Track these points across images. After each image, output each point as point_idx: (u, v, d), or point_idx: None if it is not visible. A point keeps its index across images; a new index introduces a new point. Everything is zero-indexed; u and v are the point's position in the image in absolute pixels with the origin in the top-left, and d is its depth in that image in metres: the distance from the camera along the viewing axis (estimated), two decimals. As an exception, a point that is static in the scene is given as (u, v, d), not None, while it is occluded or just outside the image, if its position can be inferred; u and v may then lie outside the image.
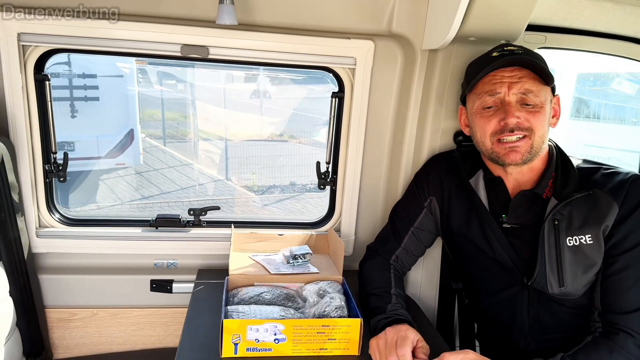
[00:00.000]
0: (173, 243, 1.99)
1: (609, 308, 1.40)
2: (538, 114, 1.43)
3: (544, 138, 1.46)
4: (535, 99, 1.43)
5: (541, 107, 1.44)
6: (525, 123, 1.43)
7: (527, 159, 1.45)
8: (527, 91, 1.43)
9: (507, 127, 1.44)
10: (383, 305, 1.56)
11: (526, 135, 1.43)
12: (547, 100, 1.46)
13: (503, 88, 1.45)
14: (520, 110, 1.43)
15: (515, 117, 1.42)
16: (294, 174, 8.11)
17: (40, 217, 1.91)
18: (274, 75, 8.34)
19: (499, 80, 1.46)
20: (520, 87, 1.43)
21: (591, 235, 1.40)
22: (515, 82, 1.43)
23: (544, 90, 1.45)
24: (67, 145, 6.57)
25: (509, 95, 1.44)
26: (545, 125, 1.45)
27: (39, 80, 1.78)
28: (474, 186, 1.61)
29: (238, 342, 1.40)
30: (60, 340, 1.98)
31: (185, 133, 8.86)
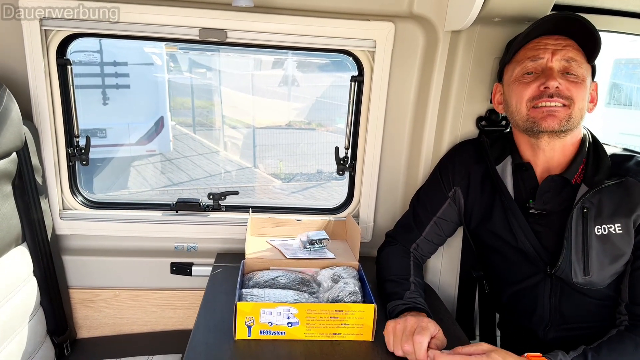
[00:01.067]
0: (193, 227, 2.01)
1: (637, 300, 1.34)
2: (580, 85, 1.38)
3: (583, 112, 1.40)
4: (578, 69, 1.38)
5: (582, 80, 1.39)
6: (566, 91, 1.37)
7: (564, 127, 1.38)
8: (570, 59, 1.38)
9: (546, 92, 1.38)
10: (401, 292, 1.53)
11: (566, 104, 1.37)
12: (587, 77, 1.40)
13: (547, 54, 1.39)
14: (562, 78, 1.38)
15: (556, 81, 1.36)
16: (321, 162, 8.10)
17: (63, 200, 1.96)
18: (302, 60, 8.32)
19: (542, 46, 1.41)
20: (565, 54, 1.38)
21: (621, 225, 1.35)
22: (559, 49, 1.38)
23: (585, 65, 1.40)
24: (99, 132, 6.74)
25: (551, 62, 1.39)
26: (585, 99, 1.40)
27: (61, 64, 1.80)
28: (500, 173, 1.56)
29: (251, 324, 1.40)
30: (83, 320, 2.03)
31: (214, 121, 8.95)
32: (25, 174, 1.68)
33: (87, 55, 6.29)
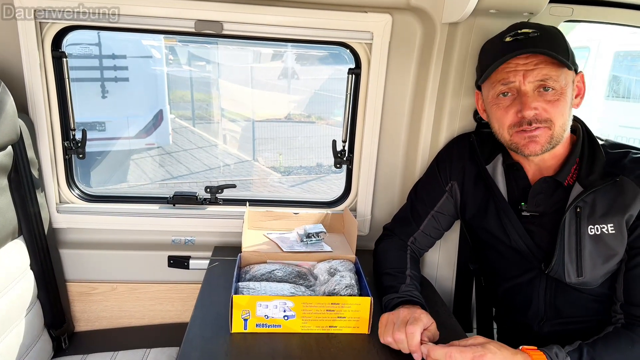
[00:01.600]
0: (190, 220, 2.01)
1: (632, 300, 1.34)
2: (558, 102, 1.34)
3: (565, 127, 1.37)
4: (555, 83, 1.33)
5: (561, 94, 1.34)
6: (543, 114, 1.35)
7: (547, 149, 1.38)
8: (545, 77, 1.33)
9: (524, 120, 1.36)
10: (397, 285, 1.53)
11: (546, 126, 1.35)
12: (568, 83, 1.36)
13: (518, 77, 1.35)
14: (538, 100, 1.34)
15: (532, 109, 1.34)
16: (320, 155, 8.09)
17: (60, 193, 1.95)
18: (302, 53, 8.29)
19: (512, 68, 1.36)
20: (537, 74, 1.33)
21: (614, 225, 1.34)
22: (530, 69, 1.33)
23: (564, 74, 1.34)
24: (98, 125, 6.71)
25: (524, 85, 1.35)
26: (566, 113, 1.36)
27: (56, 57, 1.79)
28: (491, 172, 1.55)
29: (248, 317, 1.41)
30: (81, 313, 2.03)
31: (214, 114, 8.93)
32: (21, 168, 1.68)
33: (84, 48, 6.25)
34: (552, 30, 1.39)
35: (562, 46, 1.35)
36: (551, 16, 1.73)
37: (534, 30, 1.36)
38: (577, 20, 1.79)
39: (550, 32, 1.38)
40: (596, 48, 6.02)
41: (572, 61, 1.36)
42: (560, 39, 1.37)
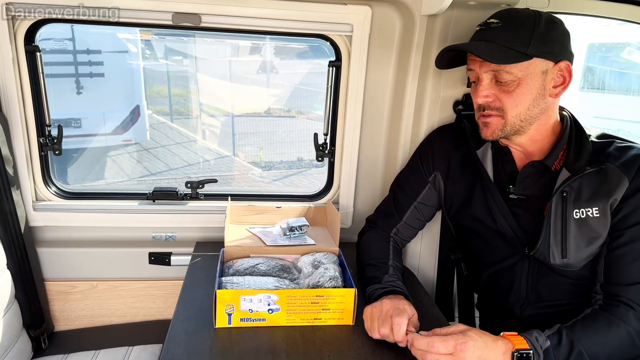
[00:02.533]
0: (171, 216, 1.99)
1: (611, 280, 1.37)
2: (511, 94, 1.38)
3: (522, 117, 1.40)
4: (507, 76, 1.36)
5: (518, 85, 1.36)
6: (496, 102, 1.41)
7: (500, 135, 1.44)
8: (495, 68, 1.37)
9: (480, 107, 1.45)
10: (380, 275, 1.55)
11: (499, 114, 1.41)
12: (530, 74, 1.36)
13: (475, 65, 1.42)
14: (493, 88, 1.40)
15: (482, 97, 1.41)
16: (301, 150, 8.08)
17: (36, 191, 1.91)
18: (281, 47, 8.24)
19: (472, 57, 1.43)
20: (489, 65, 1.38)
21: (598, 209, 1.37)
22: (482, 60, 1.38)
23: (522, 65, 1.35)
24: (73, 121, 6.57)
25: (481, 74, 1.41)
26: (522, 103, 1.38)
27: (29, 51, 1.75)
28: (480, 157, 1.57)
29: (232, 312, 1.40)
30: (60, 312, 2.00)
31: (192, 109, 8.83)
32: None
33: (58, 42, 6.11)
34: (520, 19, 1.38)
35: (523, 37, 1.35)
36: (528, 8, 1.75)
37: (498, 22, 1.39)
38: (554, 12, 1.81)
39: (516, 22, 1.38)
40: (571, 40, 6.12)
41: (539, 50, 1.35)
42: (526, 30, 1.35)
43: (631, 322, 1.30)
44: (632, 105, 5.41)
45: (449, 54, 1.48)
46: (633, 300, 1.32)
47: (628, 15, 1.86)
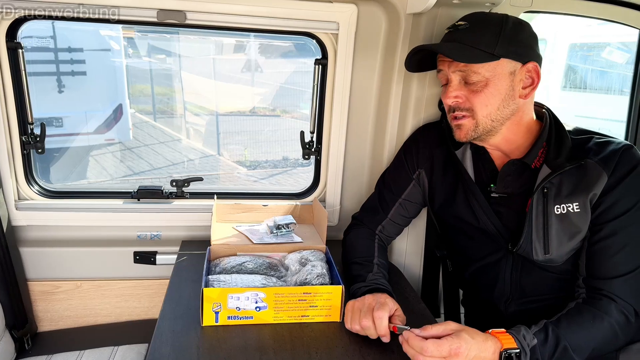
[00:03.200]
0: (156, 215, 1.97)
1: (593, 274, 1.39)
2: (479, 94, 1.39)
3: (492, 117, 1.42)
4: (474, 76, 1.38)
5: (485, 85, 1.38)
6: (465, 103, 1.42)
7: (474, 136, 1.45)
8: (463, 68, 1.39)
9: (450, 108, 1.46)
10: (364, 274, 1.55)
11: (469, 115, 1.42)
12: (498, 74, 1.38)
13: (444, 66, 1.44)
14: (462, 89, 1.42)
15: (451, 97, 1.42)
16: (287, 149, 8.06)
17: (19, 190, 1.88)
18: (266, 45, 8.21)
19: (441, 58, 1.45)
20: (456, 65, 1.40)
21: (579, 204, 1.39)
22: (451, 61, 1.41)
23: (489, 65, 1.37)
24: (55, 121, 6.47)
25: (450, 75, 1.43)
26: (492, 103, 1.40)
27: (11, 48, 1.72)
28: (460, 157, 1.59)
29: (219, 310, 1.39)
30: (44, 313, 1.97)
31: (176, 108, 8.76)
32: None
33: (39, 40, 6.01)
34: (486, 21, 1.41)
35: (490, 38, 1.37)
36: (512, 7, 1.77)
37: (465, 23, 1.42)
38: (537, 11, 1.84)
39: (482, 24, 1.40)
40: (552, 40, 6.21)
41: (507, 51, 1.37)
42: (492, 31, 1.38)
43: (613, 315, 1.32)
44: (613, 104, 5.50)
45: (417, 56, 1.49)
46: (615, 293, 1.34)
47: (609, 14, 1.90)
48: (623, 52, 5.40)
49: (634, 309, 1.34)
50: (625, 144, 1.40)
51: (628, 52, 5.23)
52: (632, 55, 2.36)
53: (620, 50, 5.44)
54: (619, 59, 5.51)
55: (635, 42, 2.26)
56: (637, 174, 1.36)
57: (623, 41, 5.28)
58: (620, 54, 5.47)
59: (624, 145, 1.39)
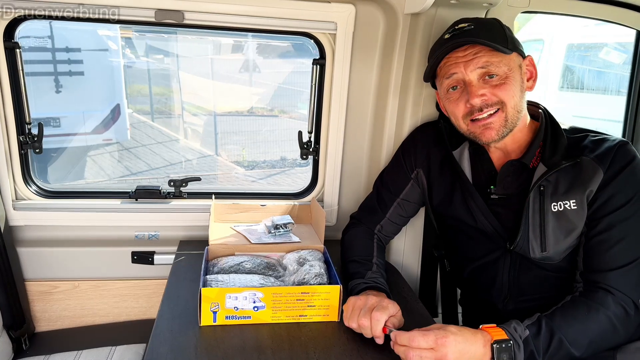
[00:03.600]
0: (154, 215, 1.97)
1: (590, 267, 1.40)
2: (504, 85, 1.40)
3: (518, 108, 1.42)
4: (497, 69, 1.39)
5: (506, 77, 1.40)
6: (493, 98, 1.41)
7: (504, 133, 1.43)
8: (485, 64, 1.39)
9: (474, 108, 1.42)
10: (363, 271, 1.56)
11: (498, 109, 1.41)
12: (513, 67, 1.41)
13: (459, 68, 1.42)
14: (484, 87, 1.41)
15: (479, 96, 1.40)
16: (285, 149, 8.06)
17: (16, 190, 1.88)
18: (263, 45, 8.21)
19: (453, 61, 1.43)
20: (477, 62, 1.40)
21: (575, 201, 1.40)
22: (469, 59, 1.40)
23: (506, 59, 1.40)
24: (52, 121, 6.46)
25: (467, 75, 1.41)
26: (516, 95, 1.41)
27: (8, 48, 1.72)
28: (457, 158, 1.59)
29: (217, 310, 1.39)
30: (42, 313, 1.97)
31: (174, 108, 8.75)
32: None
33: (36, 40, 6.00)
34: (488, 21, 1.47)
35: (499, 34, 1.42)
36: (509, 7, 1.78)
37: (469, 24, 1.42)
38: (534, 11, 1.84)
39: (486, 24, 1.45)
40: (550, 41, 6.22)
41: (514, 46, 1.42)
42: (497, 29, 1.43)
43: (610, 307, 1.32)
44: (609, 105, 5.51)
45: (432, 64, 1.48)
46: (611, 285, 1.34)
47: (606, 15, 1.91)
48: (620, 53, 5.42)
49: (633, 301, 1.34)
50: (620, 140, 1.41)
51: (625, 53, 5.25)
52: (629, 56, 2.37)
53: (617, 50, 5.45)
54: (616, 60, 5.53)
55: (632, 42, 2.26)
56: (632, 169, 1.37)
57: (620, 41, 5.29)
58: (618, 54, 5.49)
59: (619, 141, 1.40)
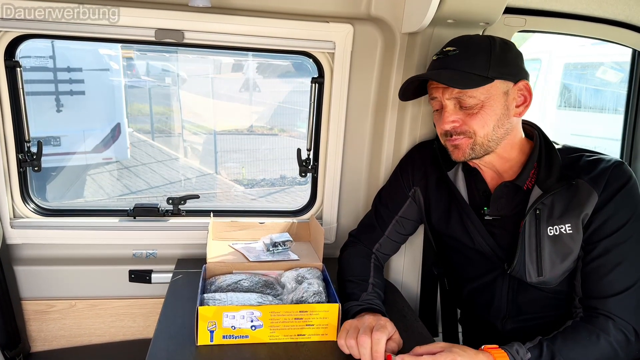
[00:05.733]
0: (152, 233, 1.97)
1: (589, 293, 1.39)
2: (476, 115, 1.40)
3: (489, 137, 1.42)
4: (470, 100, 1.39)
5: (482, 107, 1.39)
6: (463, 127, 1.42)
7: (471, 156, 1.45)
8: (458, 95, 1.40)
9: (447, 132, 1.46)
10: (358, 293, 1.54)
11: (468, 137, 1.43)
12: (492, 96, 1.40)
13: (438, 93, 1.45)
14: (458, 113, 1.42)
15: (449, 122, 1.43)
16: (284, 167, 8.08)
17: (14, 208, 1.88)
18: (264, 65, 8.28)
19: (434, 86, 1.46)
20: (451, 92, 1.41)
21: (571, 225, 1.39)
22: (446, 88, 1.42)
23: (483, 89, 1.39)
24: (53, 140, 6.48)
25: (444, 100, 1.43)
26: (488, 125, 1.41)
27: (9, 67, 1.73)
28: (452, 178, 1.59)
29: (214, 329, 1.38)
30: (37, 332, 1.94)
31: (174, 127, 8.79)
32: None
33: (38, 59, 6.05)
34: (477, 46, 1.43)
35: (481, 62, 1.39)
36: (505, 26, 1.80)
37: (454, 49, 1.43)
38: (530, 31, 1.86)
39: (472, 49, 1.42)
40: (547, 60, 6.28)
41: (499, 73, 1.39)
42: (482, 55, 1.40)
43: (611, 333, 1.31)
44: (607, 123, 5.55)
45: (413, 85, 1.50)
46: (611, 311, 1.33)
47: (601, 34, 1.93)
48: (617, 72, 5.47)
49: (633, 328, 1.33)
50: (615, 160, 1.40)
51: (621, 72, 5.30)
52: (625, 75, 2.39)
53: (614, 69, 5.51)
54: (613, 78, 5.58)
55: (629, 61, 2.29)
56: (628, 191, 1.36)
57: (617, 60, 5.35)
58: (614, 73, 5.54)
59: (614, 162, 1.39)
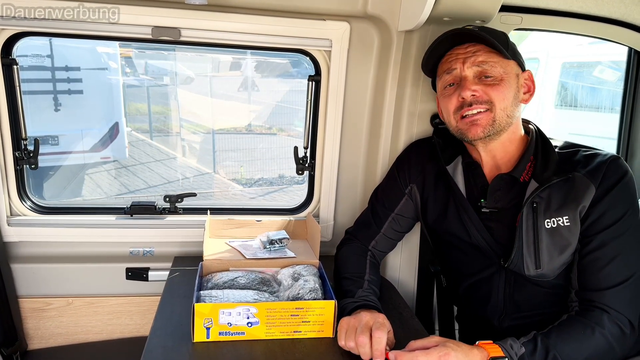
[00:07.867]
0: (149, 230, 1.97)
1: (585, 286, 1.39)
2: (497, 87, 1.42)
3: (508, 112, 1.43)
4: (492, 70, 1.42)
5: (501, 80, 1.42)
6: (483, 96, 1.42)
7: (490, 132, 1.44)
8: (481, 63, 1.42)
9: (465, 102, 1.44)
10: (354, 290, 1.54)
11: (487, 108, 1.42)
12: (509, 73, 1.44)
13: (458, 64, 1.45)
14: (478, 84, 1.43)
15: (470, 90, 1.42)
16: (282, 166, 8.08)
17: (11, 205, 1.88)
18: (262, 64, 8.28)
19: (454, 57, 1.47)
20: (475, 59, 1.43)
21: (568, 217, 1.40)
22: (469, 56, 1.43)
23: (503, 63, 1.43)
24: (51, 139, 6.48)
25: (464, 70, 1.44)
26: (508, 99, 1.43)
27: (6, 64, 1.73)
28: (451, 172, 1.60)
29: (210, 326, 1.38)
30: (34, 330, 1.95)
31: (172, 126, 8.79)
32: (-32, 179, 1.60)
33: (35, 58, 6.04)
34: (492, 28, 1.49)
35: (501, 39, 1.44)
36: (502, 24, 1.80)
37: (474, 26, 1.47)
38: (526, 29, 1.87)
39: (490, 28, 1.48)
40: (545, 59, 6.29)
41: (514, 55, 1.45)
42: (500, 34, 1.47)
43: (606, 326, 1.32)
44: (603, 122, 5.57)
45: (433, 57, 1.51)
46: (607, 304, 1.34)
47: (597, 32, 1.93)
48: (613, 70, 5.49)
49: (628, 319, 1.33)
50: (611, 155, 1.41)
51: (618, 70, 5.31)
52: (622, 73, 2.40)
53: (611, 68, 5.53)
54: (610, 77, 5.60)
55: (625, 60, 2.29)
56: (624, 185, 1.37)
57: (613, 59, 5.36)
58: (611, 72, 5.56)
59: (610, 156, 1.41)
